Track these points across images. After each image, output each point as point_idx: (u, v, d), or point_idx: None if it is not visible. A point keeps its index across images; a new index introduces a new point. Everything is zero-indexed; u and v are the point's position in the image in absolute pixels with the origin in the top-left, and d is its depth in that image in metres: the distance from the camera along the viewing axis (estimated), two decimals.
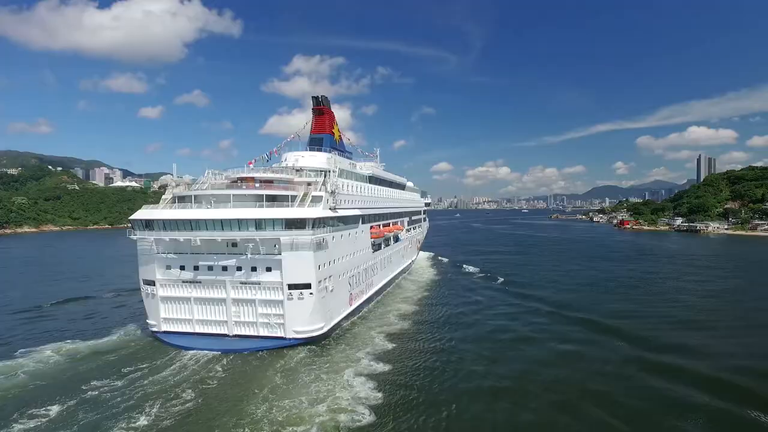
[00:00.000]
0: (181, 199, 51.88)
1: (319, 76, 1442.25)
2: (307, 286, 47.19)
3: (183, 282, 49.74)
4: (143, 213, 50.17)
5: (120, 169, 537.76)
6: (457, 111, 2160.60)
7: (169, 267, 49.98)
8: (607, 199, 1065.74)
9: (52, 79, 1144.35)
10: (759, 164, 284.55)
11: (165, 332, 50.05)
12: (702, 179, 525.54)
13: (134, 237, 50.08)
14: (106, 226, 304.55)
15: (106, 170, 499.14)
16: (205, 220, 46.75)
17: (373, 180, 77.06)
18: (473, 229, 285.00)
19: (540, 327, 56.32)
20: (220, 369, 40.93)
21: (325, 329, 49.41)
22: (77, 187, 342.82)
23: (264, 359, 43.88)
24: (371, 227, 69.96)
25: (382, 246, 75.40)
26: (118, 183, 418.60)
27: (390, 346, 47.40)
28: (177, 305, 50.33)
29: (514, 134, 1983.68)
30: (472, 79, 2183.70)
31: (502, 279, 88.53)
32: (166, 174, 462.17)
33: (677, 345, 48.73)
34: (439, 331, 53.92)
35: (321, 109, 72.95)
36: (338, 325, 53.21)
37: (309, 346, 46.91)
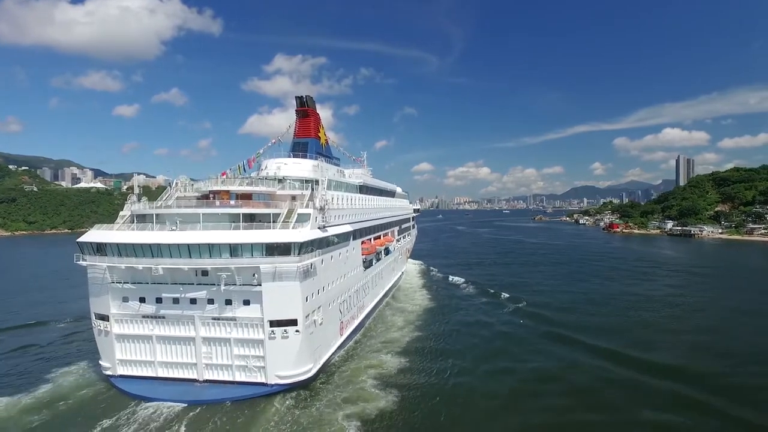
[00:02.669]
0: (141, 219, 43.78)
1: (300, 75, 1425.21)
2: (293, 322, 39.82)
3: (143, 317, 41.76)
4: (94, 235, 41.96)
5: (92, 169, 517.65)
6: (438, 112, 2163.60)
7: (126, 299, 41.88)
8: (585, 200, 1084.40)
9: (23, 76, 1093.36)
10: (729, 166, 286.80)
11: (121, 377, 42.09)
12: (681, 180, 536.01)
13: (83, 263, 41.80)
14: (66, 230, 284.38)
15: (75, 170, 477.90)
16: (168, 244, 38.87)
17: (364, 189, 69.99)
18: (459, 233, 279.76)
19: (602, 393, 40.96)
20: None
21: (314, 371, 42.12)
22: (36, 189, 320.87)
23: (238, 415, 36.25)
24: (362, 242, 62.87)
25: (374, 262, 68.31)
26: (83, 184, 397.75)
27: None
28: (136, 344, 42.31)
29: (494, 135, 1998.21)
30: (452, 80, 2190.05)
31: (515, 304, 73.35)
32: (140, 174, 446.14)
33: None
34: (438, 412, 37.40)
35: (305, 110, 65.48)
36: (328, 362, 45.95)
37: (295, 393, 39.61)
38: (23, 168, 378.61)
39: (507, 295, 79.65)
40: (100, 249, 40.96)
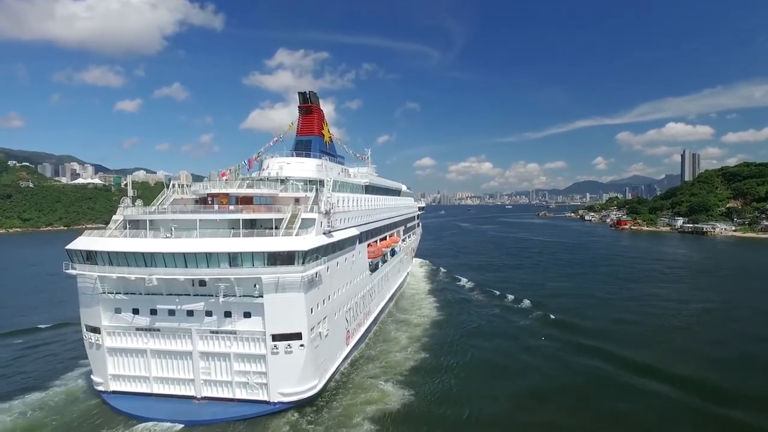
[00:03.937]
0: (134, 224, 41.00)
1: (302, 70, 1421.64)
2: (297, 336, 37.10)
3: (137, 330, 39.10)
4: (83, 242, 39.21)
5: (93, 165, 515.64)
6: (440, 106, 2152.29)
7: (118, 310, 39.19)
8: (588, 195, 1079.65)
9: (24, 72, 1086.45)
10: (733, 160, 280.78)
11: (114, 393, 39.55)
12: (687, 175, 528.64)
13: (72, 272, 39.08)
14: (61, 227, 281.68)
15: (75, 166, 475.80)
16: (163, 253, 36.07)
17: (370, 189, 67.17)
18: (464, 230, 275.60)
19: None
20: None
21: (319, 387, 39.45)
22: (32, 185, 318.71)
23: None
24: (368, 245, 60.08)
25: (380, 264, 65.47)
26: (80, 180, 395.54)
27: None
28: (129, 359, 39.71)
29: (496, 130, 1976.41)
30: (454, 75, 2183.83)
31: (537, 312, 66.78)
32: (140, 169, 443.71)
33: None
34: None
35: (309, 107, 62.52)
36: (335, 374, 43.30)
37: (299, 412, 36.91)
38: (23, 164, 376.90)
39: (529, 302, 73.32)
40: (90, 257, 38.21)
